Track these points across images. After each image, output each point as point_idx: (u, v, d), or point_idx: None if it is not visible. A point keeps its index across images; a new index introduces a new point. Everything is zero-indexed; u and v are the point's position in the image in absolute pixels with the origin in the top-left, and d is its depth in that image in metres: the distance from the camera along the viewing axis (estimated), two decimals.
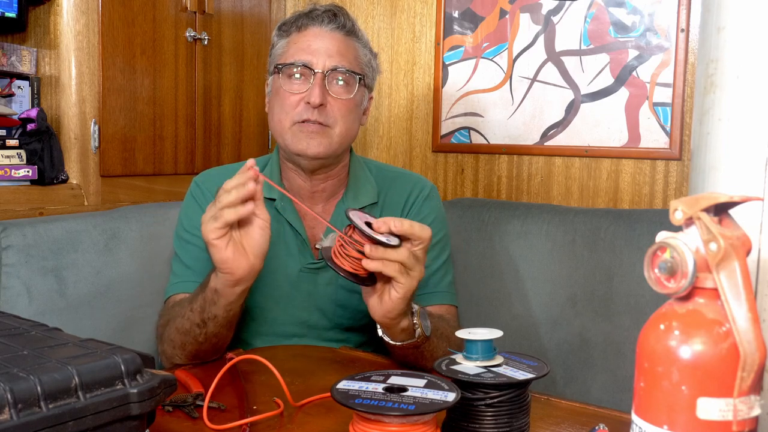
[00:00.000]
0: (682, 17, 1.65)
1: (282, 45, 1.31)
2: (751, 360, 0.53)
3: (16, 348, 0.69)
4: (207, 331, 1.11)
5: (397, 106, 2.05)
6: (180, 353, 1.17)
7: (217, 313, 1.09)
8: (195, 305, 1.11)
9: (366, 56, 1.33)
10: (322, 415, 0.92)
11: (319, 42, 1.27)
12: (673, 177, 1.68)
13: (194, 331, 1.12)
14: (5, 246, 1.29)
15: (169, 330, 1.17)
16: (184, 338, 1.14)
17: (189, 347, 1.15)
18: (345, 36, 1.30)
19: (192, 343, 1.14)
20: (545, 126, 1.82)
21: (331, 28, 1.29)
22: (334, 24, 1.29)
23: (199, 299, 1.10)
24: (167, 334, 1.18)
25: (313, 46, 1.27)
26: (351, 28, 1.31)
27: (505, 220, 1.64)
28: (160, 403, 0.70)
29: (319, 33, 1.28)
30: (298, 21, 1.30)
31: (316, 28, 1.29)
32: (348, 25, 1.30)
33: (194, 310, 1.11)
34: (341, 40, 1.29)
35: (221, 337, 1.14)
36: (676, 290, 0.56)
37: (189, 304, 1.13)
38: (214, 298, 1.07)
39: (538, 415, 0.93)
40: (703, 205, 0.55)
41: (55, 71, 1.57)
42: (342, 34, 1.29)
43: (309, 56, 1.26)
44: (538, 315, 1.57)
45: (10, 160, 1.46)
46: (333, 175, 1.34)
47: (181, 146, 1.82)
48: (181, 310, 1.15)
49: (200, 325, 1.11)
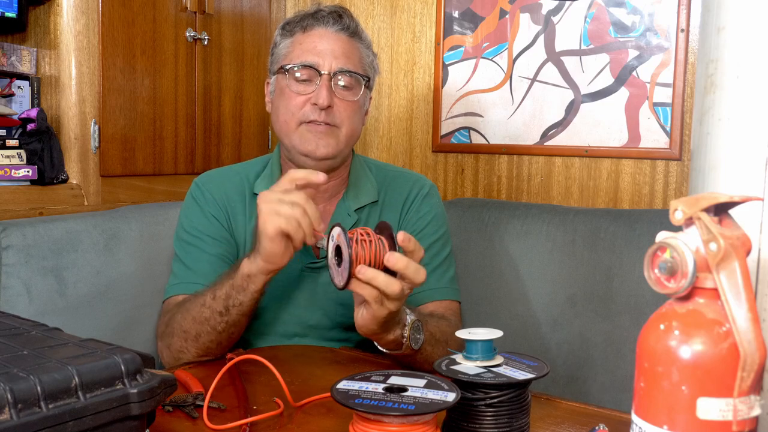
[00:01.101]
0: (682, 17, 1.65)
1: (286, 45, 1.31)
2: (751, 360, 0.53)
3: (16, 348, 0.69)
4: (229, 319, 1.13)
5: (397, 106, 2.05)
6: (192, 346, 1.17)
7: (244, 300, 1.11)
8: (219, 292, 1.13)
9: (369, 57, 1.34)
10: (322, 415, 0.92)
11: (324, 43, 1.27)
12: (673, 177, 1.68)
13: (214, 320, 1.13)
14: (5, 246, 1.29)
15: (183, 322, 1.17)
16: (200, 327, 1.15)
17: (204, 338, 1.15)
18: (349, 37, 1.30)
19: (209, 333, 1.14)
20: (545, 126, 1.82)
21: (336, 29, 1.29)
22: (339, 25, 1.29)
23: (226, 287, 1.12)
24: (179, 327, 1.18)
25: (318, 47, 1.27)
26: (355, 29, 1.31)
27: (505, 220, 1.64)
28: (160, 403, 0.70)
29: (324, 34, 1.28)
30: (303, 21, 1.30)
31: (321, 29, 1.29)
32: (352, 26, 1.30)
33: (218, 297, 1.13)
34: (346, 42, 1.29)
35: (239, 327, 1.16)
36: (676, 290, 0.56)
37: (210, 293, 1.14)
38: (244, 285, 1.10)
39: (538, 415, 0.93)
40: (703, 205, 0.55)
41: (55, 71, 1.57)
42: (347, 35, 1.29)
43: (315, 57, 1.26)
44: (538, 315, 1.57)
45: (10, 160, 1.46)
46: (335, 176, 1.34)
47: (181, 146, 1.82)
48: (199, 299, 1.16)
49: (222, 313, 1.13)
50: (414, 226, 1.35)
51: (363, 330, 1.03)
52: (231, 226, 1.33)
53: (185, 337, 1.17)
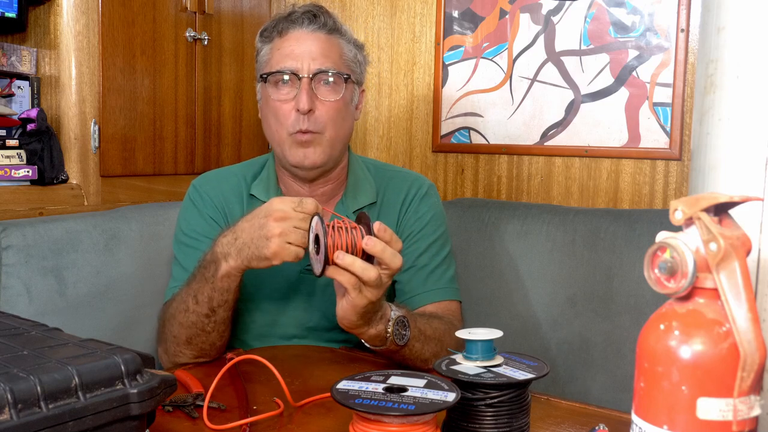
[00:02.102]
0: (682, 17, 1.65)
1: (266, 52, 1.30)
2: (751, 360, 0.53)
3: (16, 348, 0.69)
4: (216, 318, 1.13)
5: (397, 106, 2.05)
6: (185, 349, 1.17)
7: (228, 298, 1.12)
8: (201, 297, 1.12)
9: (351, 52, 1.31)
10: (322, 415, 0.92)
11: (301, 46, 1.26)
12: (673, 177, 1.68)
13: (201, 322, 1.13)
14: (5, 246, 1.29)
15: (171, 328, 1.17)
16: (189, 332, 1.15)
17: (196, 340, 1.15)
18: (327, 35, 1.28)
19: (199, 335, 1.15)
20: (545, 126, 1.82)
21: (312, 29, 1.27)
22: (315, 24, 1.27)
23: (206, 290, 1.11)
24: (169, 333, 1.18)
25: (296, 50, 1.26)
26: (333, 26, 1.28)
27: (505, 220, 1.64)
28: (160, 403, 0.70)
29: (300, 36, 1.27)
30: (279, 25, 1.28)
31: (297, 31, 1.27)
32: (329, 23, 1.28)
33: (200, 301, 1.12)
34: (324, 40, 1.27)
35: (227, 322, 1.16)
36: (676, 290, 0.56)
37: (191, 297, 1.14)
38: (224, 285, 1.10)
39: (538, 415, 0.93)
40: (703, 205, 0.55)
41: (55, 71, 1.57)
42: (324, 33, 1.27)
43: (293, 62, 1.25)
44: (538, 315, 1.57)
45: (10, 160, 1.46)
46: (332, 179, 1.34)
47: (181, 146, 1.82)
48: (181, 304, 1.15)
49: (209, 315, 1.13)
50: (413, 226, 1.35)
51: (344, 322, 1.04)
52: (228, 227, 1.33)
53: (176, 342, 1.17)
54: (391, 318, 1.07)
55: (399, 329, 1.08)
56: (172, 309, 1.19)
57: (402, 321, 1.09)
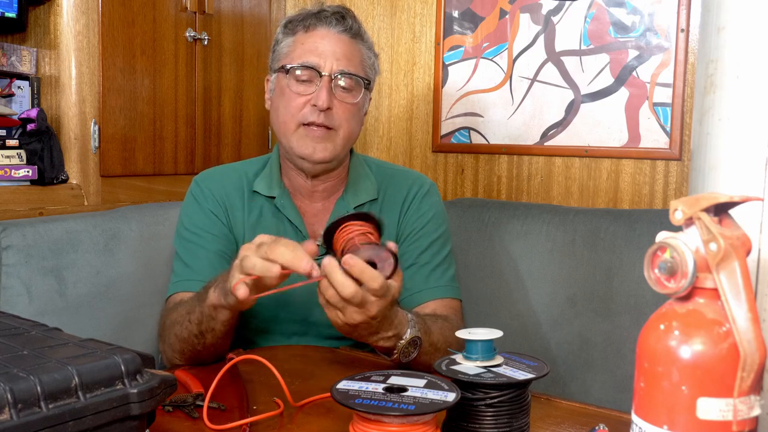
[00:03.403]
0: (682, 17, 1.65)
1: (288, 43, 1.30)
2: (751, 360, 0.53)
3: (16, 348, 0.69)
4: (206, 342, 1.11)
5: (397, 106, 2.05)
6: (179, 357, 1.18)
7: (215, 327, 1.08)
8: (193, 317, 1.11)
9: (370, 59, 1.33)
10: (322, 415, 0.92)
11: (326, 44, 1.27)
12: (673, 177, 1.68)
13: (192, 341, 1.12)
14: (5, 246, 1.29)
15: (169, 335, 1.18)
16: (182, 345, 1.15)
17: (188, 353, 1.16)
18: (351, 39, 1.29)
19: (191, 350, 1.15)
20: (545, 126, 1.82)
21: (338, 30, 1.28)
22: (342, 26, 1.28)
23: (197, 312, 1.09)
24: (167, 338, 1.19)
25: (320, 48, 1.27)
26: (357, 30, 1.30)
27: (505, 220, 1.64)
28: (160, 403, 0.70)
29: (326, 35, 1.28)
30: (306, 20, 1.29)
31: (324, 30, 1.28)
32: (355, 27, 1.30)
33: (192, 321, 1.11)
34: (348, 43, 1.28)
35: (219, 346, 1.14)
36: (676, 290, 0.56)
37: (187, 315, 1.13)
38: (212, 314, 1.07)
39: (538, 415, 0.93)
40: (703, 205, 0.55)
41: (55, 71, 1.57)
42: (349, 36, 1.29)
43: (316, 58, 1.26)
44: (538, 315, 1.57)
45: (10, 160, 1.46)
46: (334, 176, 1.35)
47: (181, 146, 1.82)
48: (180, 317, 1.15)
49: (198, 336, 1.11)
50: (414, 224, 1.35)
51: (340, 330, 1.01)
52: (230, 222, 1.33)
53: (172, 349, 1.18)
54: (405, 338, 1.05)
55: (408, 348, 1.07)
56: (175, 315, 1.18)
57: (414, 342, 1.07)
